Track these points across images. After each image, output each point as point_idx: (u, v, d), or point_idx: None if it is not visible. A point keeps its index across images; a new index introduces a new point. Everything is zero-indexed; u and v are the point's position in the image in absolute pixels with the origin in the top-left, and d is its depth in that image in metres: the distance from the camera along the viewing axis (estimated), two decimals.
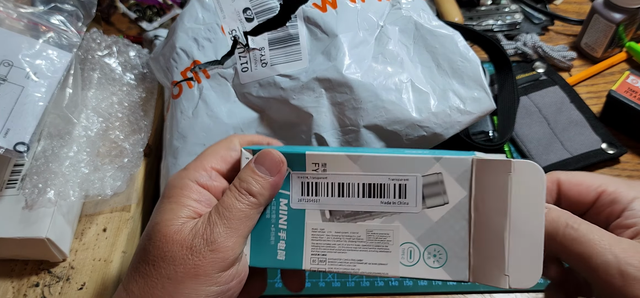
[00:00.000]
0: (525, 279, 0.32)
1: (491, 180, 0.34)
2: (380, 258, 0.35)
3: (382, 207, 0.35)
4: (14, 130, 0.46)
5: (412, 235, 0.35)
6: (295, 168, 0.36)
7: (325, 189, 0.36)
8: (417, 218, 0.35)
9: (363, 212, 0.35)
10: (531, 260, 0.32)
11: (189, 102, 0.49)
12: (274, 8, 0.48)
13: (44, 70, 0.50)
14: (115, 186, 0.51)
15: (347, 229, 0.35)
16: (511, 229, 0.32)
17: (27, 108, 0.47)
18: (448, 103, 0.46)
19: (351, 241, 0.35)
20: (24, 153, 0.46)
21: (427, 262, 0.34)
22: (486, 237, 0.34)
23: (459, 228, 0.34)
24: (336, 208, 0.36)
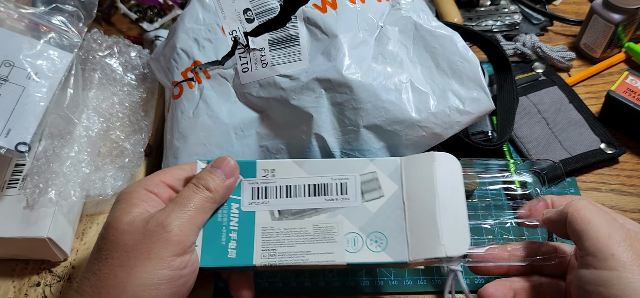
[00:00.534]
0: (458, 246, 0.38)
1: (418, 172, 0.41)
2: (327, 248, 0.39)
3: (327, 203, 0.40)
4: (15, 130, 0.47)
5: (354, 225, 0.40)
6: (246, 175, 0.41)
7: (275, 192, 0.41)
8: (358, 211, 0.40)
9: (309, 209, 0.40)
10: (460, 230, 0.39)
11: (190, 102, 0.49)
12: (275, 9, 0.48)
13: (45, 71, 0.50)
14: (116, 186, 0.51)
15: (295, 225, 0.39)
16: (440, 207, 0.39)
17: (28, 108, 0.48)
18: (447, 103, 0.46)
19: (299, 235, 0.39)
20: (25, 154, 0.46)
21: (370, 247, 0.39)
22: (420, 219, 0.39)
23: (395, 216, 0.40)
24: (285, 208, 0.40)
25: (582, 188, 0.57)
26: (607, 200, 0.56)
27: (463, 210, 0.40)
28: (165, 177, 0.40)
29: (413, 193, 0.40)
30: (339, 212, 0.40)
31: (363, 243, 0.39)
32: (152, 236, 0.35)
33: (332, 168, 0.41)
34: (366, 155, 0.47)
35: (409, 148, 0.47)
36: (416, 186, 0.40)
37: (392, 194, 0.41)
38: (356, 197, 0.41)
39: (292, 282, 0.51)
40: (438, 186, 0.40)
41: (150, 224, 0.35)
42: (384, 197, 0.40)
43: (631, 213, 0.55)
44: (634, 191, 0.57)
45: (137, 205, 0.37)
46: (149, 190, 0.38)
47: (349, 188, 0.41)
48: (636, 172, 0.58)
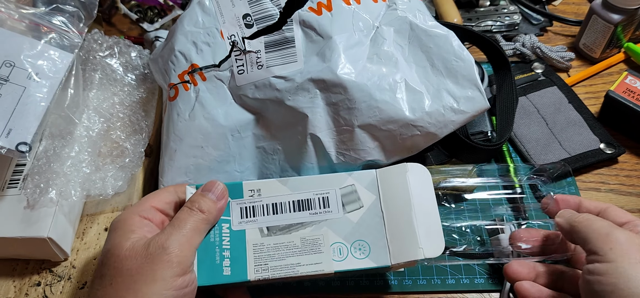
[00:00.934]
0: (434, 248, 0.41)
1: (393, 182, 0.44)
2: (315, 259, 0.42)
3: (311, 217, 0.43)
4: (15, 130, 0.47)
5: (338, 236, 0.43)
6: (234, 196, 0.44)
7: (262, 210, 0.43)
8: (341, 222, 0.43)
9: (296, 224, 0.43)
10: (435, 233, 0.42)
11: (185, 105, 0.49)
12: (274, 15, 0.49)
13: (45, 71, 0.50)
14: (116, 186, 0.51)
15: (284, 240, 0.42)
16: (416, 213, 0.42)
17: (29, 108, 0.48)
18: (442, 102, 0.46)
19: (288, 249, 0.42)
20: (25, 154, 0.47)
21: (355, 255, 0.42)
22: (398, 225, 0.42)
23: (375, 224, 0.43)
24: (272, 225, 0.43)
25: (582, 188, 0.57)
26: (606, 200, 0.56)
27: (436, 215, 0.43)
28: (155, 202, 0.42)
29: (390, 202, 0.43)
30: (323, 224, 0.43)
31: (348, 251, 0.42)
32: (155, 259, 0.37)
33: (314, 184, 0.44)
34: (361, 155, 0.47)
35: (404, 148, 0.47)
36: (392, 195, 0.43)
37: (371, 204, 0.44)
38: (338, 209, 0.43)
39: (292, 282, 0.51)
40: (412, 194, 0.43)
41: (151, 248, 0.37)
42: (363, 208, 0.43)
43: (631, 213, 0.54)
44: (633, 191, 0.57)
45: (135, 231, 0.39)
46: (143, 216, 0.40)
47: (331, 201, 0.44)
48: (635, 172, 0.58)
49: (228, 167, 0.50)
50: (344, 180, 0.44)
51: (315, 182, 0.44)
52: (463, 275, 0.51)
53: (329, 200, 0.44)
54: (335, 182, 0.44)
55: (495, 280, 0.50)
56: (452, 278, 0.51)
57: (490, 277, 0.51)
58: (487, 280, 0.51)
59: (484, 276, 0.51)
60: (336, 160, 0.47)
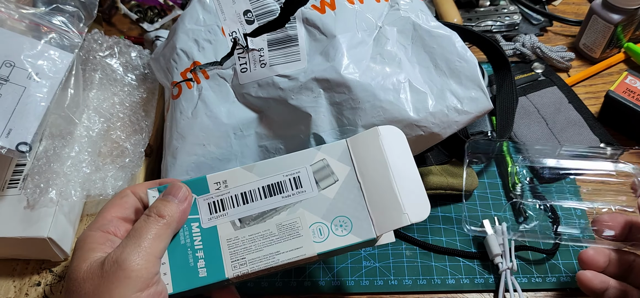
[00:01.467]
0: (419, 212, 0.39)
1: (367, 149, 0.41)
2: (295, 244, 0.39)
3: (284, 200, 0.40)
4: (16, 130, 0.47)
5: (316, 215, 0.40)
6: (199, 193, 0.41)
7: (231, 202, 0.40)
8: (316, 200, 0.40)
9: (269, 211, 0.40)
10: (418, 196, 0.40)
11: (188, 103, 0.49)
12: (275, 11, 0.49)
13: (45, 71, 0.50)
14: (116, 186, 0.51)
15: (259, 229, 0.40)
16: (395, 178, 0.40)
17: (29, 108, 0.48)
18: (445, 103, 0.46)
19: (265, 238, 0.39)
20: (25, 153, 0.47)
21: (336, 232, 0.40)
22: (379, 194, 0.40)
23: (354, 196, 0.40)
24: (244, 215, 0.40)
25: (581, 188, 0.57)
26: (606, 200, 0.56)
27: (417, 177, 0.40)
28: (117, 212, 0.39)
29: (366, 171, 0.41)
30: (298, 206, 0.40)
31: (328, 230, 0.40)
32: (110, 277, 0.34)
33: (282, 166, 0.41)
34: None
35: None
36: (367, 163, 0.41)
37: (346, 176, 0.41)
38: (312, 187, 0.41)
39: (292, 281, 0.51)
40: (389, 158, 0.40)
41: (106, 265, 0.34)
42: (338, 181, 0.41)
43: (631, 213, 0.55)
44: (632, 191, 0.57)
45: (95, 249, 0.36)
46: (105, 231, 0.37)
47: (303, 180, 0.41)
48: None
49: (229, 165, 0.50)
50: (314, 156, 0.42)
51: (284, 163, 0.42)
52: (463, 275, 0.51)
53: (300, 180, 0.41)
54: (304, 159, 0.42)
55: (495, 280, 0.50)
56: (452, 278, 0.51)
57: (490, 277, 0.51)
58: (487, 280, 0.51)
59: (484, 276, 0.51)
60: None
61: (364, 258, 0.52)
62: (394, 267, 0.52)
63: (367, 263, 0.52)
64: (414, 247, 0.53)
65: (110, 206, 0.39)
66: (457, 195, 0.57)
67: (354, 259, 0.52)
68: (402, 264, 0.52)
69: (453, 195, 0.57)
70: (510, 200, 0.56)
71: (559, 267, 0.51)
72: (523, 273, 0.51)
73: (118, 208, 0.39)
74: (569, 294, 0.50)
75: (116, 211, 0.39)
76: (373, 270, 0.52)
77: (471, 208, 0.56)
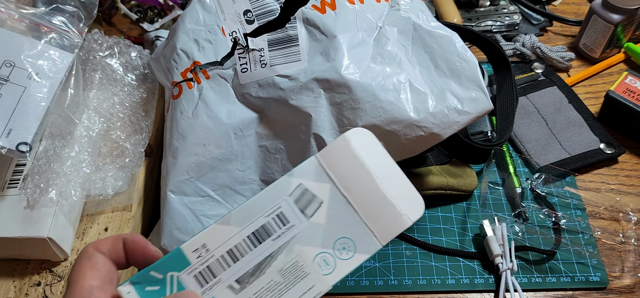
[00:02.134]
0: (416, 209, 0.37)
1: (341, 160, 0.38)
2: (306, 286, 0.35)
3: (276, 243, 0.36)
4: (16, 130, 0.47)
5: (315, 246, 0.36)
6: (180, 269, 0.35)
7: (219, 265, 0.36)
8: (309, 231, 0.37)
9: (264, 260, 0.36)
10: (409, 193, 0.37)
11: (189, 103, 0.49)
12: (275, 10, 0.49)
13: (45, 71, 0.50)
14: (116, 186, 0.51)
15: (262, 284, 0.36)
16: (380, 181, 0.37)
17: (29, 108, 0.48)
18: (446, 103, 0.46)
19: (272, 291, 0.35)
20: (26, 154, 0.47)
21: (342, 257, 0.36)
22: (370, 203, 0.37)
23: (345, 213, 0.37)
24: (240, 275, 0.36)
25: (582, 187, 0.57)
26: (606, 200, 0.56)
27: (400, 174, 0.38)
28: (93, 279, 0.33)
29: (348, 183, 0.38)
30: (293, 243, 0.37)
31: (333, 258, 0.37)
32: None
33: (259, 206, 0.37)
34: None
35: (407, 148, 0.47)
36: (347, 174, 0.38)
37: (330, 195, 0.38)
38: (299, 218, 0.37)
39: None
40: (367, 163, 0.38)
41: None
42: (324, 203, 0.38)
43: (631, 213, 0.55)
44: (633, 191, 0.57)
45: None
46: None
47: (287, 214, 0.37)
48: (635, 172, 0.58)
49: (230, 166, 0.50)
50: (289, 185, 0.38)
51: (260, 203, 0.37)
52: (463, 275, 0.51)
53: (285, 215, 0.37)
54: (280, 191, 0.38)
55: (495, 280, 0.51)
56: (452, 278, 0.51)
57: (490, 277, 0.51)
58: (487, 280, 0.51)
59: (484, 276, 0.51)
60: None
61: None
62: (394, 267, 0.52)
63: (367, 264, 0.52)
64: (414, 247, 0.53)
65: (82, 271, 0.33)
66: (457, 195, 0.57)
67: None
68: (402, 264, 0.52)
69: (453, 195, 0.57)
70: (511, 200, 0.56)
71: (559, 267, 0.51)
72: (523, 274, 0.51)
73: (92, 273, 0.33)
74: (569, 294, 0.50)
75: (91, 277, 0.33)
76: (373, 270, 0.52)
77: (471, 208, 0.56)
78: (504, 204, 0.56)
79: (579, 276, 0.51)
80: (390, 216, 0.37)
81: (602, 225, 0.54)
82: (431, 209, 0.56)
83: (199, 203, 0.49)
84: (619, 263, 0.52)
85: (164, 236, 0.49)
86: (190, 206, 0.49)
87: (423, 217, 0.55)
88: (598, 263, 0.51)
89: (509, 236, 0.52)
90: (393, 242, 0.53)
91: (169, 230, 0.49)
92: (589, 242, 0.53)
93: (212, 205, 0.50)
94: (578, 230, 0.54)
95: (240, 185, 0.51)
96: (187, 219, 0.49)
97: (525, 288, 0.50)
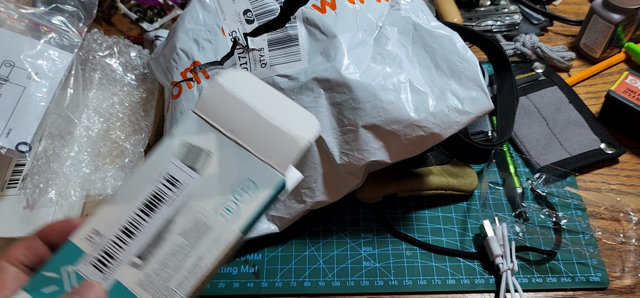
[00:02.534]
0: (309, 128, 0.35)
1: (221, 106, 0.36)
2: (211, 239, 0.34)
3: (171, 207, 0.35)
4: (15, 130, 0.47)
5: (214, 198, 0.35)
6: (74, 260, 0.33)
7: (116, 246, 0.34)
8: (203, 185, 0.35)
9: (162, 227, 0.34)
10: (298, 114, 0.36)
11: (189, 103, 0.49)
12: (275, 10, 0.49)
13: (45, 71, 0.50)
14: (116, 186, 0.51)
15: (165, 251, 0.34)
16: (266, 113, 0.36)
17: (29, 108, 0.48)
18: (446, 103, 0.46)
19: (177, 255, 0.34)
20: (25, 153, 0.46)
21: (245, 198, 0.35)
22: (260, 137, 0.36)
23: (237, 155, 0.36)
24: (140, 248, 0.34)
25: (582, 187, 0.57)
26: (607, 200, 0.56)
27: (286, 99, 0.37)
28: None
29: (233, 125, 0.36)
30: (189, 202, 0.35)
31: (235, 203, 0.35)
32: None
33: (145, 177, 0.35)
34: (365, 155, 0.47)
35: (407, 148, 0.47)
36: (230, 117, 0.36)
37: (217, 143, 0.36)
38: (190, 175, 0.35)
39: (292, 281, 0.51)
40: (247, 99, 0.36)
41: None
42: (212, 152, 0.36)
43: (632, 213, 0.55)
44: (633, 191, 0.57)
45: None
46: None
47: (177, 175, 0.35)
48: (636, 172, 0.58)
49: None
50: (172, 146, 0.36)
51: (145, 174, 0.35)
52: (463, 275, 0.51)
53: (174, 176, 0.35)
54: (164, 155, 0.36)
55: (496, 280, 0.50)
56: (452, 278, 0.51)
57: (490, 278, 0.51)
58: (488, 281, 0.51)
59: (485, 276, 0.51)
60: (340, 160, 0.47)
61: (364, 259, 0.52)
62: (394, 267, 0.52)
63: (367, 264, 0.52)
64: (414, 247, 0.53)
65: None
66: (457, 195, 0.57)
67: (354, 259, 0.52)
68: (402, 264, 0.52)
69: (453, 195, 0.57)
70: (511, 200, 0.56)
71: (560, 267, 0.51)
72: (523, 274, 0.51)
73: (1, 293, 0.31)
74: (569, 294, 0.50)
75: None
76: (373, 270, 0.51)
77: (471, 208, 0.56)
78: (505, 204, 0.56)
79: (579, 276, 0.51)
80: (284, 143, 0.35)
81: (602, 225, 0.54)
82: (431, 209, 0.56)
83: None
84: (620, 264, 0.51)
85: None
86: None
87: (423, 217, 0.55)
88: (598, 264, 0.51)
89: (510, 236, 0.52)
90: (393, 242, 0.53)
91: None
92: (589, 242, 0.53)
93: None
94: (578, 231, 0.54)
95: None
96: None
97: (525, 288, 0.50)
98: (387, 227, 0.55)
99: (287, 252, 0.53)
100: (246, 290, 0.50)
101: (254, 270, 0.52)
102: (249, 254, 0.53)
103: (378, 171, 0.53)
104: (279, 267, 0.52)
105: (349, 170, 0.48)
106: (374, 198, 0.54)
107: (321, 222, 0.55)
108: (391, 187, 0.54)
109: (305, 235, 0.54)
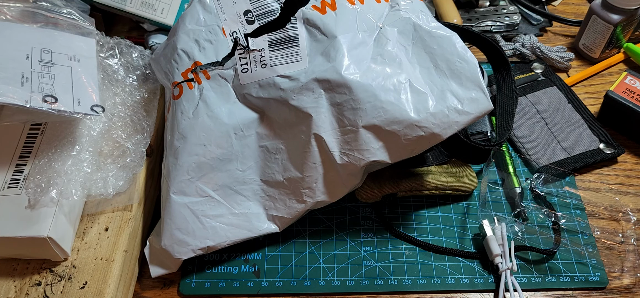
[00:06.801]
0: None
1: None
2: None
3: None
4: (83, 98, 0.50)
5: None
6: None
7: None
8: None
9: None
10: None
11: (190, 103, 0.49)
12: (275, 11, 0.49)
13: (81, 52, 0.54)
14: (117, 186, 0.51)
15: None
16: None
17: (83, 80, 0.51)
18: (446, 103, 0.47)
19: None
20: (100, 114, 0.50)
21: None
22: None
23: None
24: None
25: (581, 187, 0.57)
26: (606, 199, 0.56)
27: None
28: None
29: None
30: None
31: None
32: None
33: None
34: (365, 156, 0.47)
35: (407, 148, 0.47)
36: None
37: None
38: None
39: (292, 281, 0.51)
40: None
41: None
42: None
43: (631, 213, 0.55)
44: (632, 191, 0.57)
45: None
46: None
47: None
48: (635, 172, 0.59)
49: (230, 166, 0.50)
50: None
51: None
52: (463, 275, 0.51)
53: None
54: None
55: (495, 280, 0.51)
56: (452, 277, 0.51)
57: (489, 277, 0.51)
58: (487, 280, 0.51)
59: (484, 276, 0.51)
60: (340, 160, 0.48)
61: (364, 258, 0.53)
62: (394, 266, 0.52)
63: (367, 263, 0.52)
64: (413, 247, 0.53)
65: None
66: (456, 195, 0.57)
67: (354, 259, 0.52)
68: (402, 264, 0.52)
69: (453, 195, 0.57)
70: (510, 200, 0.56)
71: (559, 266, 0.51)
72: (523, 273, 0.51)
73: None
74: (568, 294, 0.50)
75: None
76: (373, 269, 0.52)
77: (471, 208, 0.56)
78: (504, 204, 0.56)
79: (578, 276, 0.51)
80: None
81: (601, 225, 0.54)
82: (431, 209, 0.56)
83: (199, 203, 0.50)
84: (619, 263, 0.52)
85: (165, 236, 0.49)
86: (191, 206, 0.49)
87: (423, 217, 0.55)
88: (597, 263, 0.51)
89: (509, 236, 0.52)
90: (393, 241, 0.54)
91: (170, 231, 0.49)
92: (588, 241, 0.53)
93: (213, 205, 0.50)
94: (577, 230, 0.54)
95: (240, 185, 0.51)
96: (187, 219, 0.49)
97: (524, 288, 0.50)
98: (386, 226, 0.55)
99: (287, 251, 0.53)
100: (246, 290, 0.51)
101: (254, 269, 0.52)
102: (250, 254, 0.53)
103: (378, 171, 0.54)
104: (279, 266, 0.52)
105: (349, 170, 0.48)
106: (374, 198, 0.55)
107: (321, 222, 0.55)
108: (391, 187, 0.54)
109: (305, 234, 0.54)
